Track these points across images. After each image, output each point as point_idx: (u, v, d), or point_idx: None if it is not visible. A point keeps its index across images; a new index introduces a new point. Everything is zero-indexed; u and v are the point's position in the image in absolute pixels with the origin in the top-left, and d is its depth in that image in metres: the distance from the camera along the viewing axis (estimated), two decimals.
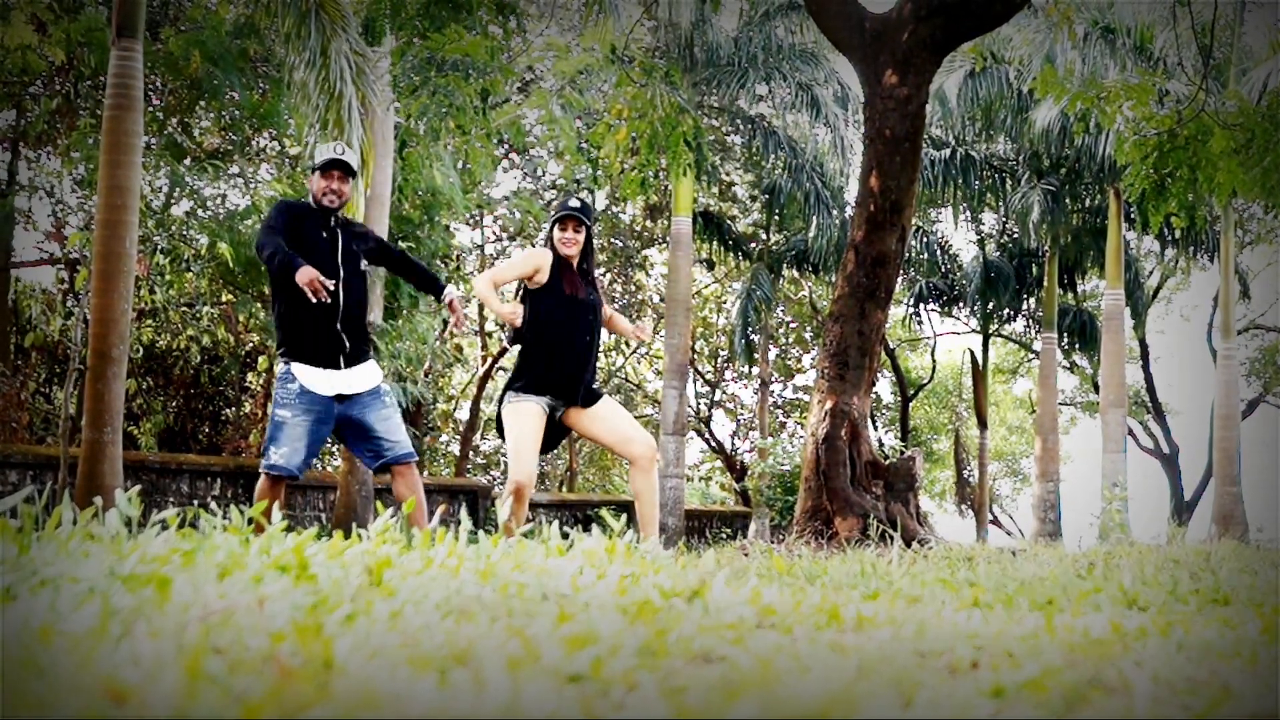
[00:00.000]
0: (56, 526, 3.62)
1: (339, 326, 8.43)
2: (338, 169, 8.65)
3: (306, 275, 7.93)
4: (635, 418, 40.42)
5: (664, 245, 35.30)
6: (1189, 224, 20.00)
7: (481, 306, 26.74)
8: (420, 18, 15.41)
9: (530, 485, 8.78)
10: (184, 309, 24.33)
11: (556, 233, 9.19)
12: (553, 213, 9.47)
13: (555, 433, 9.16)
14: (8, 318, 24.35)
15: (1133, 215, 31.14)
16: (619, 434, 9.07)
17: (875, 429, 42.10)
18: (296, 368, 8.36)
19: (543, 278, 9.08)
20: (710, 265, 38.37)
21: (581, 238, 9.24)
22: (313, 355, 8.40)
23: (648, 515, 8.99)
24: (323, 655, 2.17)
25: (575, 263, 9.29)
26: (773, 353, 38.76)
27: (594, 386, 9.13)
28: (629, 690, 2.14)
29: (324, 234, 8.59)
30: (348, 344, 8.44)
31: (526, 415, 8.88)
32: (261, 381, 27.28)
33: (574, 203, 9.29)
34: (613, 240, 36.37)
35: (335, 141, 8.96)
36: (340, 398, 8.41)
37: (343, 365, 8.44)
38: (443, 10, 15.22)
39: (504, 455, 41.42)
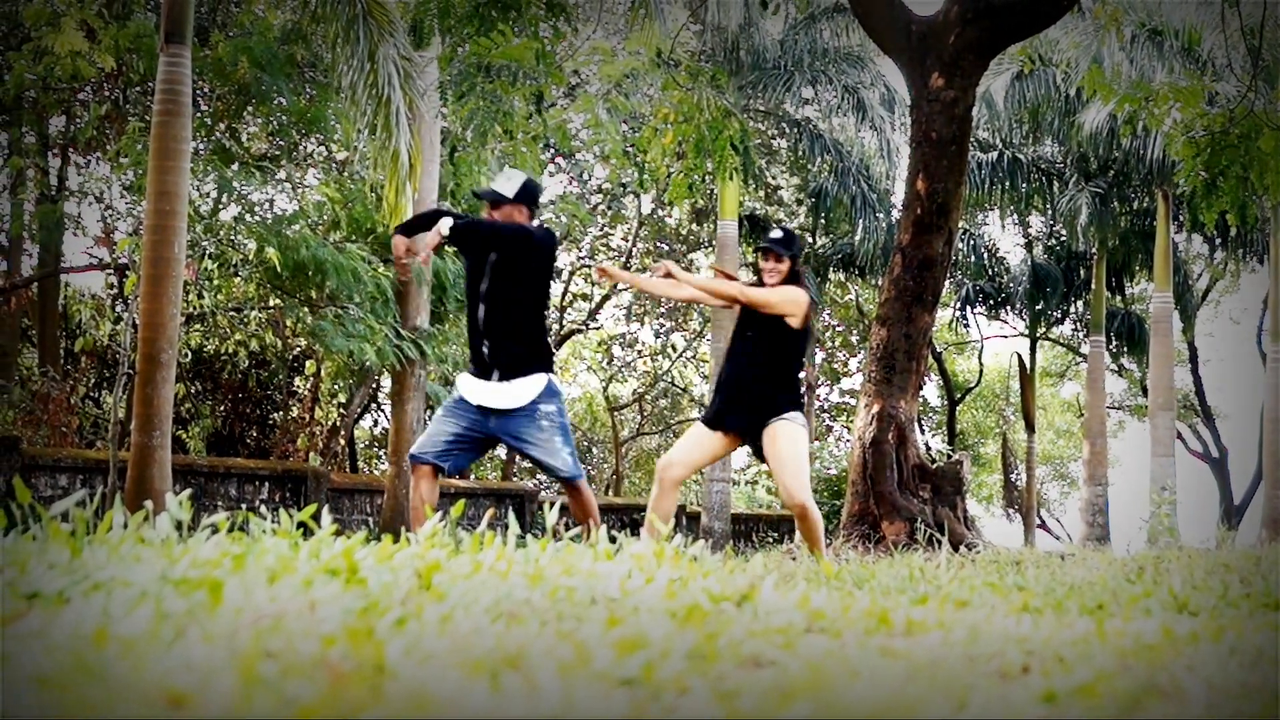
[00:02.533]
0: (108, 531, 3.63)
1: (483, 340, 8.35)
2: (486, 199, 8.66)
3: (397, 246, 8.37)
4: (680, 421, 40.50)
5: (710, 249, 35.24)
6: (1240, 222, 19.84)
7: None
8: (470, 19, 15.41)
9: (673, 473, 9.02)
10: (232, 313, 24.42)
11: (760, 263, 9.44)
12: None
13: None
14: (58, 323, 24.52)
15: (1181, 217, 30.95)
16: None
17: (922, 432, 41.97)
18: (460, 379, 8.47)
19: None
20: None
21: (784, 266, 9.32)
22: (469, 364, 8.50)
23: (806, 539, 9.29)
24: (374, 659, 2.18)
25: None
26: (819, 356, 38.67)
27: (768, 416, 9.10)
28: (680, 694, 2.14)
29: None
30: (489, 356, 8.31)
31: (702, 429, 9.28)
32: (309, 386, 27.36)
33: (775, 234, 9.46)
34: (659, 244, 36.34)
35: (509, 170, 8.86)
36: (485, 410, 8.30)
37: (492, 378, 8.30)
38: (493, 10, 15.22)
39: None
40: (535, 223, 8.64)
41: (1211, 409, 47.98)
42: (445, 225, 8.03)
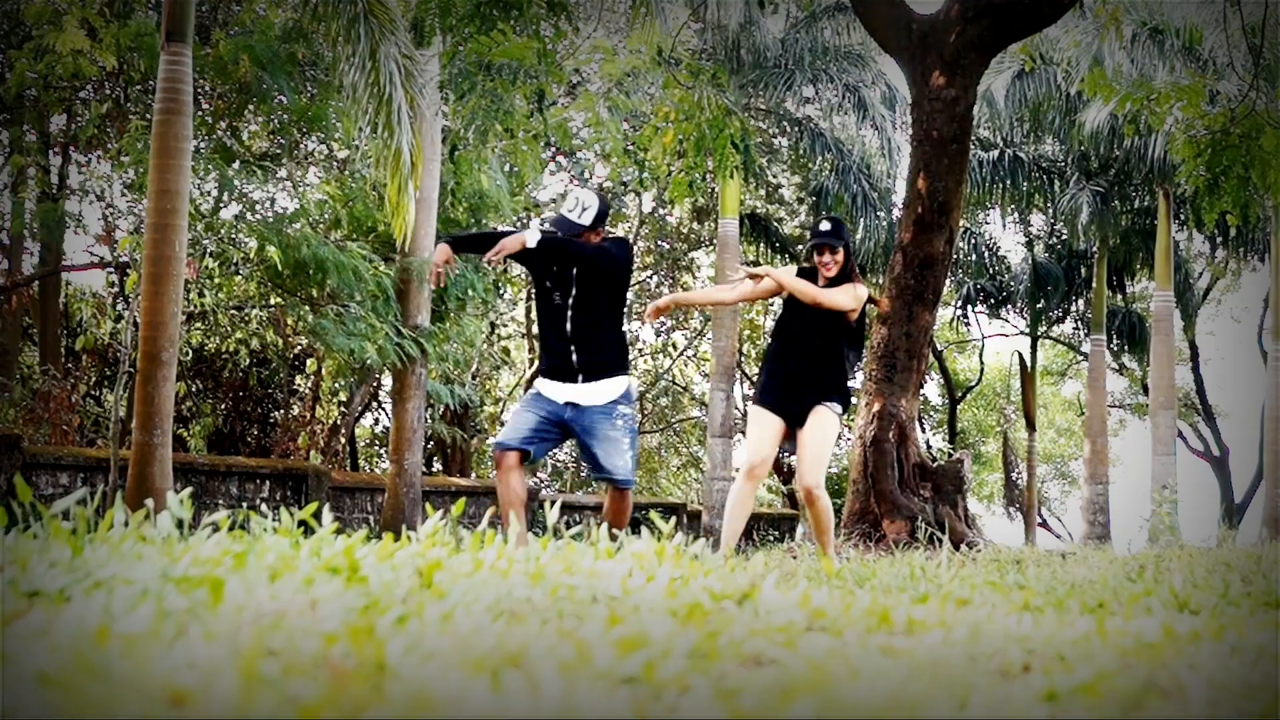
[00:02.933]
0: (109, 529, 3.64)
1: (570, 348, 8.55)
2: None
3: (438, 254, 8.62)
4: (681, 420, 40.50)
5: (711, 248, 35.26)
6: (1242, 221, 19.85)
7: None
8: (471, 18, 15.40)
9: (758, 470, 9.24)
10: (233, 312, 24.41)
11: (816, 259, 9.55)
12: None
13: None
14: (59, 321, 24.52)
15: (1182, 216, 30.97)
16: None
17: (923, 431, 41.97)
18: (538, 382, 8.70)
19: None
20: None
21: (840, 258, 9.47)
22: (548, 370, 8.65)
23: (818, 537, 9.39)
24: (375, 658, 2.18)
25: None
26: None
27: (816, 402, 9.24)
28: (681, 693, 2.14)
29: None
30: (576, 360, 8.53)
31: (759, 415, 9.42)
32: (310, 384, 27.37)
33: (825, 225, 9.57)
34: (659, 242, 36.35)
35: (575, 193, 8.96)
36: (571, 405, 8.53)
37: (578, 380, 8.55)
38: (493, 9, 15.21)
39: (549, 458, 41.47)
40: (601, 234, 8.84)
41: (1212, 407, 47.98)
42: (532, 239, 8.20)
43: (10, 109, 21.82)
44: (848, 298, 9.28)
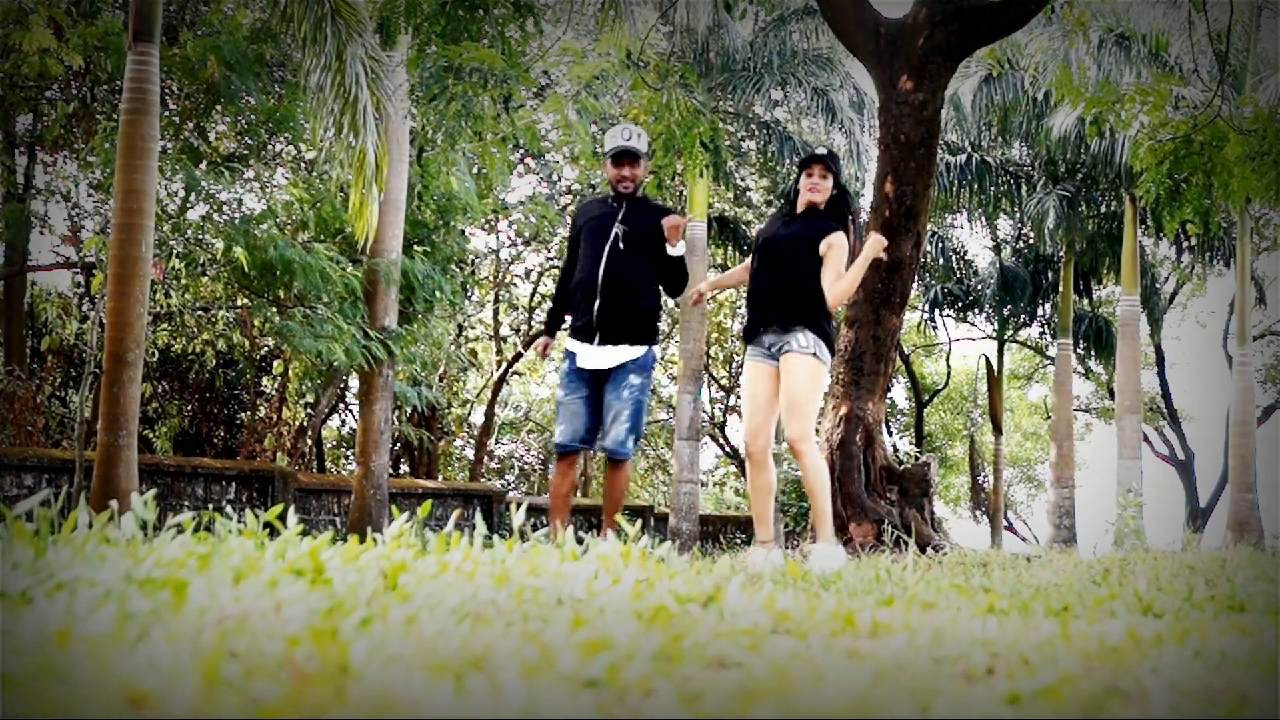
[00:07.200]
0: (72, 530, 3.62)
1: (597, 304, 8.80)
2: (626, 157, 9.01)
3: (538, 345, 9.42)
4: (648, 423, 40.50)
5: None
6: (1203, 229, 19.99)
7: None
8: (436, 17, 15.38)
9: (753, 446, 8.99)
10: (199, 313, 24.36)
11: (803, 180, 9.24)
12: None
13: None
14: (24, 321, 24.39)
15: (1148, 221, 31.10)
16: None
17: (890, 434, 42.07)
18: (568, 341, 8.97)
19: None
20: (725, 270, 38.31)
21: (828, 184, 9.27)
22: (576, 327, 8.94)
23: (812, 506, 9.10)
24: (339, 660, 2.18)
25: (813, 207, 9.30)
26: None
27: (789, 341, 8.89)
28: (645, 696, 2.14)
29: (602, 219, 9.09)
30: (599, 321, 8.77)
31: (745, 377, 9.19)
32: (276, 385, 27.31)
33: (821, 150, 9.50)
34: None
35: (623, 126, 9.06)
36: (596, 373, 8.81)
37: (596, 342, 8.79)
38: (459, 9, 15.19)
39: (517, 460, 41.43)
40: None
41: (1178, 412, 48.19)
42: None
43: None
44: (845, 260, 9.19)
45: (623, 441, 8.68)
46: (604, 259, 8.88)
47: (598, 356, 8.84)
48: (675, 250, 8.92)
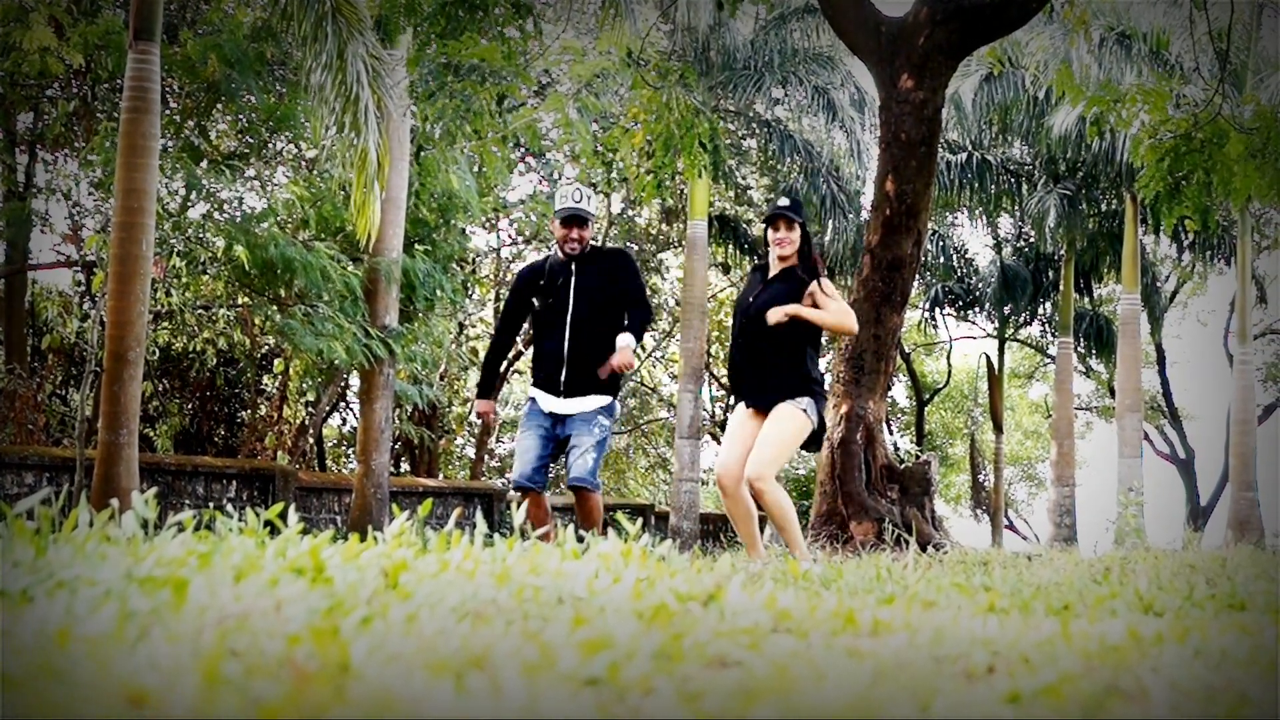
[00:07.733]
0: (73, 529, 3.62)
1: (564, 372, 9.03)
2: (574, 221, 9.12)
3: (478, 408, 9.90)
4: (649, 421, 40.48)
5: (679, 249, 35.27)
6: (1202, 227, 19.98)
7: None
8: (436, 16, 15.37)
9: (725, 478, 8.97)
10: (200, 312, 24.33)
11: (770, 236, 9.10)
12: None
13: None
14: (25, 320, 24.38)
15: (1149, 219, 31.10)
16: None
17: (890, 433, 42.04)
18: (531, 389, 9.28)
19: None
20: (726, 269, 38.26)
21: (795, 235, 9.02)
22: (540, 382, 9.18)
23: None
24: (339, 659, 2.18)
25: (785, 266, 9.10)
26: None
27: (774, 396, 8.96)
28: (645, 695, 2.14)
29: (559, 280, 9.19)
30: (565, 376, 9.02)
31: (734, 417, 9.34)
32: (277, 384, 27.30)
33: (783, 201, 9.15)
34: (628, 244, 36.34)
35: (574, 186, 9.13)
36: (555, 416, 9.05)
37: (562, 394, 9.04)
38: (459, 9, 15.19)
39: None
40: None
41: (1178, 410, 48.17)
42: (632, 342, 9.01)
43: None
44: (835, 319, 9.06)
45: (591, 470, 8.86)
46: (567, 329, 9.06)
47: (563, 405, 9.09)
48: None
